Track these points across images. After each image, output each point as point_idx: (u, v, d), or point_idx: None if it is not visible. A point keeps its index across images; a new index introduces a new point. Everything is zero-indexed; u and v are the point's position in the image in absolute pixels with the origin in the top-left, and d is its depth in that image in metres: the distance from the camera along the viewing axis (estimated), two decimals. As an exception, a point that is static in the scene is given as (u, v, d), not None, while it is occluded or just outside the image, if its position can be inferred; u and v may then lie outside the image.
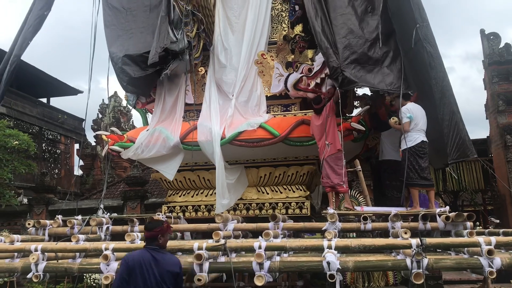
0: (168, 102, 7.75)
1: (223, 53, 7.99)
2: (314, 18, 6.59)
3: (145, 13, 7.54)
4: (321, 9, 6.59)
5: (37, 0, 7.45)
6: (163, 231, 4.09)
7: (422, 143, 6.28)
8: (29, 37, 7.38)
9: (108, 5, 7.63)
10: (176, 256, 4.40)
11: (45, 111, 21.85)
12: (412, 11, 6.18)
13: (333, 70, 6.36)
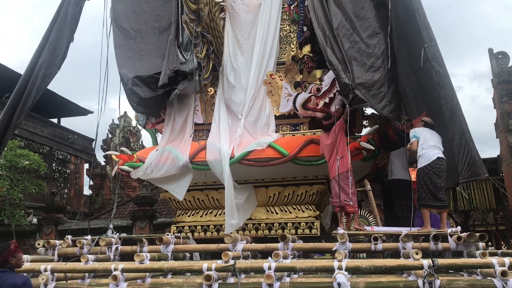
0: (178, 122, 7.81)
1: (232, 74, 8.06)
2: (324, 38, 6.64)
3: (155, 35, 7.68)
4: (329, 30, 6.65)
5: (63, 30, 7.61)
6: (11, 253, 4.11)
7: (439, 160, 6.20)
8: (57, 66, 7.54)
9: (118, 27, 7.78)
10: (26, 276, 4.37)
11: (56, 131, 22.06)
12: (420, 31, 6.21)
13: (344, 87, 6.38)
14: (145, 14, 7.86)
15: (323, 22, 6.73)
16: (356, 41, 6.61)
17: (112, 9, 7.89)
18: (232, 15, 8.27)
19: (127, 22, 7.85)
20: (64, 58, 7.62)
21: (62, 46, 7.54)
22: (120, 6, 7.94)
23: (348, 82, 6.28)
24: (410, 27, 6.38)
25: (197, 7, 7.35)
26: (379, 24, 6.71)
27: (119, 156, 7.82)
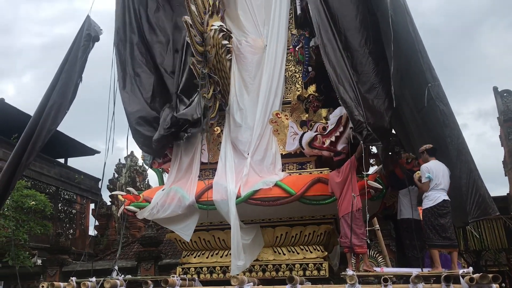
0: (184, 162, 7.83)
1: (239, 113, 8.12)
2: (335, 76, 6.70)
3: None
4: (341, 69, 6.72)
5: (72, 71, 7.80)
6: None
7: (444, 202, 6.14)
8: (67, 106, 7.70)
9: (122, 70, 7.99)
10: None
11: (63, 171, 22.15)
12: (423, 71, 6.28)
13: (357, 124, 6.38)
14: (151, 58, 8.08)
15: (334, 62, 6.81)
16: (370, 81, 6.67)
17: (116, 53, 8.11)
18: (238, 56, 8.40)
19: (132, 65, 8.05)
20: (74, 98, 7.78)
21: (71, 87, 7.70)
22: (125, 51, 8.16)
23: (362, 120, 6.30)
24: (413, 67, 6.46)
25: (204, 49, 7.52)
26: (378, 78, 6.78)
27: (125, 196, 7.80)
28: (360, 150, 6.66)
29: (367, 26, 6.97)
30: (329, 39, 6.96)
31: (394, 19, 6.35)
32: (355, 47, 6.88)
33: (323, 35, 7.01)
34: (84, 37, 8.38)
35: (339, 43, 6.89)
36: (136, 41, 8.31)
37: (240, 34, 8.47)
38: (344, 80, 6.61)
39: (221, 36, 7.79)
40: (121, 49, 8.24)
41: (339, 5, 7.17)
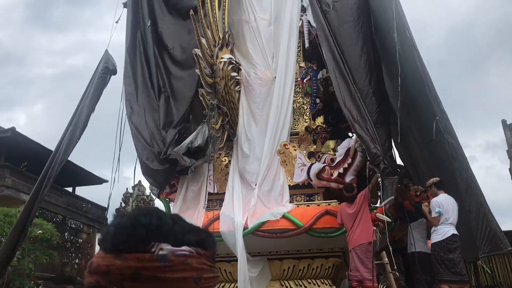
0: (191, 192, 7.84)
1: (247, 144, 8.15)
2: (351, 115, 6.79)
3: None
4: (356, 109, 6.78)
5: (86, 101, 8.02)
6: None
7: (453, 237, 6.07)
8: (78, 136, 7.89)
9: (129, 102, 8.22)
10: None
11: (70, 200, 22.17)
12: (431, 104, 6.32)
13: (374, 157, 6.40)
14: (159, 91, 8.28)
15: (349, 100, 6.89)
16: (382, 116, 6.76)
17: (124, 87, 8.32)
18: (247, 88, 8.50)
19: (140, 97, 8.24)
20: (84, 128, 7.94)
21: (83, 117, 7.87)
22: (130, 87, 8.35)
23: (379, 153, 6.31)
24: (420, 100, 6.50)
25: (214, 81, 7.63)
26: (380, 118, 6.87)
27: (132, 227, 7.77)
28: (374, 182, 6.64)
29: (371, 66, 7.11)
30: (343, 78, 7.06)
31: (401, 53, 6.43)
32: (360, 86, 6.99)
33: (337, 75, 7.12)
34: (101, 69, 8.62)
35: (353, 82, 6.99)
36: (145, 74, 8.49)
37: (249, 66, 8.60)
38: (360, 118, 6.67)
39: (230, 68, 7.91)
40: (130, 81, 8.43)
41: (348, 45, 7.32)
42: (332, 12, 7.68)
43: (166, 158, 7.42)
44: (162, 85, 8.44)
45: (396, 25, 6.73)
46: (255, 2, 8.91)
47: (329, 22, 7.62)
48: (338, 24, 7.61)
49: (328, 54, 7.39)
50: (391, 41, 6.78)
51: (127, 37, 8.89)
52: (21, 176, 18.34)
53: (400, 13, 7.12)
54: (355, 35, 7.45)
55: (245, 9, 8.91)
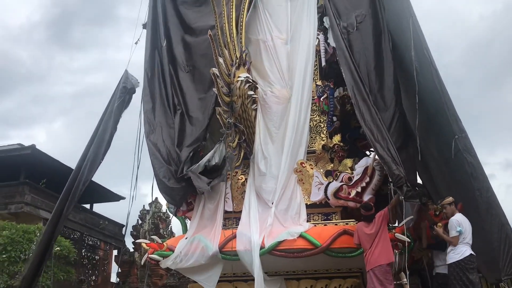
0: (208, 210, 7.84)
1: (263, 162, 8.14)
2: (371, 135, 6.79)
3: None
4: (377, 129, 6.77)
5: (108, 122, 8.22)
6: None
7: (471, 257, 5.95)
8: (101, 157, 8.09)
9: (147, 120, 8.33)
10: None
11: (88, 217, 22.34)
12: (450, 123, 6.26)
13: (397, 179, 6.34)
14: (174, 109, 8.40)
15: (369, 120, 6.91)
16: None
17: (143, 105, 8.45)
18: (264, 106, 8.53)
19: (158, 114, 8.35)
20: (108, 148, 8.10)
21: (106, 137, 8.02)
22: (148, 105, 8.46)
23: (401, 174, 6.25)
24: (439, 119, 6.45)
25: (231, 100, 7.68)
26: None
27: (149, 245, 7.80)
28: (395, 203, 6.57)
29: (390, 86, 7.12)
30: (363, 99, 7.06)
31: (419, 71, 6.41)
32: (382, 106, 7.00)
33: (357, 95, 7.14)
34: (120, 89, 8.79)
35: (372, 102, 6.98)
36: (162, 92, 8.61)
37: (266, 85, 8.63)
38: (381, 138, 6.64)
39: (247, 86, 7.95)
40: (148, 99, 8.56)
41: (368, 64, 7.35)
42: (354, 33, 7.72)
43: (183, 176, 7.45)
44: (177, 103, 8.53)
45: (414, 43, 6.73)
46: (272, 21, 8.98)
47: (350, 44, 7.66)
48: (359, 45, 7.64)
49: (348, 75, 7.40)
50: (409, 60, 6.77)
51: (146, 57, 9.03)
52: (40, 193, 18.58)
53: (417, 32, 7.12)
54: (375, 55, 7.45)
55: (262, 28, 8.99)
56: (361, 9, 8.01)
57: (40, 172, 18.40)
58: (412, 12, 7.41)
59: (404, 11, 7.43)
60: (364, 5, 8.05)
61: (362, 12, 7.96)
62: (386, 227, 6.53)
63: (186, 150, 7.82)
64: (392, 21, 7.49)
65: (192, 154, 7.60)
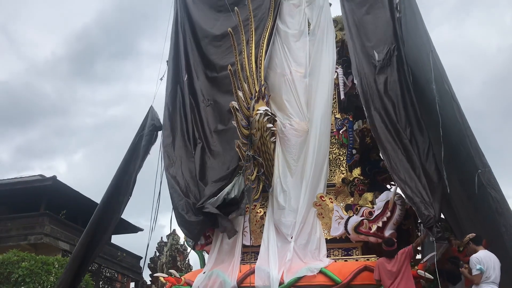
0: (226, 244, 7.77)
1: (282, 195, 8.08)
2: (397, 177, 6.70)
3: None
4: (404, 170, 6.70)
5: (136, 159, 8.44)
6: None
7: None
8: (130, 193, 8.36)
9: (167, 153, 8.45)
10: None
11: (106, 248, 22.27)
12: (472, 157, 6.15)
13: (427, 219, 6.23)
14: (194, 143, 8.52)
15: (396, 161, 6.86)
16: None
17: (163, 139, 8.57)
18: (282, 139, 8.54)
19: (176, 149, 8.44)
20: (134, 184, 8.20)
21: (133, 174, 8.18)
22: (168, 139, 8.59)
23: (431, 215, 6.15)
24: (461, 153, 6.35)
25: (250, 133, 7.72)
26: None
27: (166, 279, 7.75)
28: (420, 242, 6.43)
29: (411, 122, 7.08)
30: (389, 141, 7.01)
31: (440, 105, 6.37)
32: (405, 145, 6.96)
33: (383, 139, 7.09)
34: (148, 127, 9.00)
35: (399, 143, 6.93)
36: (183, 126, 8.73)
37: (284, 117, 8.67)
38: (408, 179, 6.55)
39: (266, 119, 8.00)
40: (168, 133, 8.69)
41: (395, 101, 7.36)
42: (381, 70, 7.74)
43: (201, 210, 7.43)
44: (197, 136, 8.61)
45: (434, 76, 6.70)
46: (291, 55, 9.10)
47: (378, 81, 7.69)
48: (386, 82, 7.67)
49: (376, 116, 7.40)
50: (430, 93, 6.74)
51: (167, 91, 9.20)
52: (59, 224, 18.69)
53: (437, 65, 7.11)
54: (401, 91, 7.44)
55: (281, 62, 9.10)
56: (387, 44, 8.03)
57: (61, 203, 18.58)
58: (432, 46, 7.42)
59: (424, 45, 7.45)
60: (389, 41, 8.08)
61: (387, 47, 7.97)
62: (409, 264, 6.37)
63: (212, 185, 7.80)
64: (412, 54, 7.51)
65: (217, 190, 7.59)
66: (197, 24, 9.89)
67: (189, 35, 9.76)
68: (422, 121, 7.04)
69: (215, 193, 7.52)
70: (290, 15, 9.65)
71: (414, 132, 7.09)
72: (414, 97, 7.25)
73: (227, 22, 9.13)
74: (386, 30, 8.25)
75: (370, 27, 8.48)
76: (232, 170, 7.82)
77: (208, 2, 10.21)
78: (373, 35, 8.33)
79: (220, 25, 9.56)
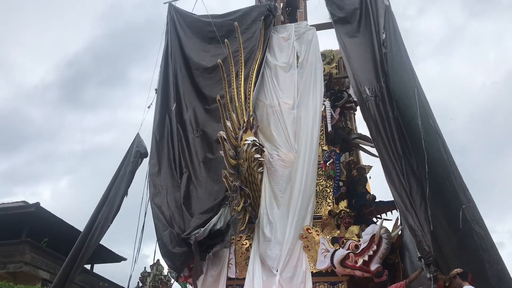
0: (210, 277, 7.67)
1: (268, 227, 8.03)
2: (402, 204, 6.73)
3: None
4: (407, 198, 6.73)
5: (120, 187, 8.34)
6: None
7: None
8: (111, 220, 8.31)
9: (153, 182, 8.38)
10: None
11: (87, 277, 21.75)
12: (457, 192, 6.20)
13: (428, 255, 6.23)
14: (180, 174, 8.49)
15: (400, 189, 6.86)
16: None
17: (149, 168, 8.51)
18: (270, 170, 8.55)
19: (162, 178, 8.40)
20: (118, 212, 8.11)
21: (117, 202, 8.08)
22: (154, 168, 8.57)
23: (431, 252, 6.15)
24: (446, 188, 6.39)
25: (237, 163, 7.71)
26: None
27: (149, 312, 7.57)
28: (414, 277, 6.39)
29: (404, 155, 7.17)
30: (394, 167, 7.04)
31: (426, 140, 6.45)
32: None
33: (388, 161, 7.14)
34: (133, 154, 8.95)
35: (405, 168, 6.95)
36: (170, 155, 8.72)
37: (272, 148, 8.71)
38: (411, 208, 6.56)
39: (254, 150, 8.02)
40: (155, 162, 8.66)
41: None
42: (376, 103, 7.84)
43: (186, 241, 7.33)
44: (184, 165, 8.58)
45: (420, 112, 6.81)
46: (279, 87, 9.23)
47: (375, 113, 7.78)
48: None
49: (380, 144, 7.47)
50: (415, 128, 6.82)
51: (155, 120, 9.22)
52: (40, 253, 18.24)
53: (423, 101, 7.23)
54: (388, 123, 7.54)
55: (269, 94, 9.22)
56: (374, 80, 8.15)
57: (43, 230, 18.18)
58: (417, 81, 7.57)
59: (410, 81, 7.60)
60: (376, 76, 8.21)
61: (374, 83, 8.10)
62: None
63: (199, 217, 7.72)
64: (398, 90, 7.64)
65: (203, 222, 7.50)
66: (188, 56, 10.02)
67: (180, 66, 9.86)
68: (413, 156, 7.10)
69: (201, 225, 7.44)
70: (280, 48, 9.85)
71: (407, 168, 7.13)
72: (403, 131, 7.33)
73: (218, 54, 9.26)
74: (373, 65, 8.41)
75: (358, 62, 8.64)
76: (219, 201, 7.76)
77: (199, 34, 10.36)
78: (361, 71, 8.48)
79: (211, 57, 9.69)
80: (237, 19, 9.66)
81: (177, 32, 10.43)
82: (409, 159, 6.97)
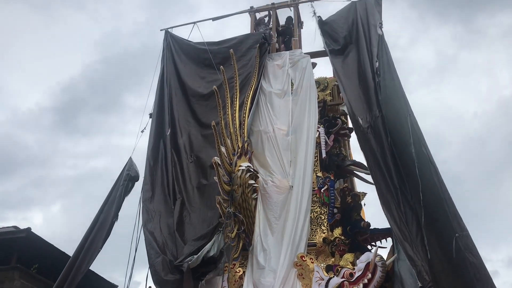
0: (204, 304, 7.53)
1: (262, 254, 7.96)
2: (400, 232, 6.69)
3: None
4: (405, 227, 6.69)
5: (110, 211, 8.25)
6: None
7: None
8: (101, 245, 8.00)
9: (146, 208, 8.30)
10: None
11: (77, 304, 21.38)
12: (450, 221, 6.20)
13: (428, 285, 6.23)
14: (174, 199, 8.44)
15: (397, 218, 6.82)
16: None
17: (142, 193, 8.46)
18: (264, 196, 8.53)
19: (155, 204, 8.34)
20: (108, 236, 8.01)
21: (107, 226, 7.99)
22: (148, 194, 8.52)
23: (430, 280, 6.10)
24: (440, 216, 6.38)
25: (231, 189, 7.69)
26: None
27: None
28: None
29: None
30: (392, 198, 7.03)
31: (419, 167, 6.47)
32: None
33: (385, 192, 7.10)
34: (124, 177, 8.89)
35: (401, 199, 6.94)
36: (164, 181, 8.68)
37: (266, 174, 8.72)
38: (410, 238, 6.54)
39: (248, 176, 8.02)
40: (148, 188, 8.61)
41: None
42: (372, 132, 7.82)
43: (178, 268, 7.24)
44: (178, 191, 8.54)
45: (413, 140, 6.86)
46: (274, 114, 9.31)
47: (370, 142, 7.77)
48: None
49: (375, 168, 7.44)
50: (409, 156, 6.85)
51: (149, 145, 9.22)
52: (30, 279, 17.92)
53: (415, 128, 7.29)
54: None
55: (264, 120, 9.28)
56: (368, 109, 8.17)
57: (34, 256, 17.92)
58: (410, 110, 7.64)
59: (403, 109, 7.67)
60: (376, 106, 8.24)
61: (369, 113, 8.13)
62: None
63: (192, 244, 7.61)
64: (392, 118, 7.70)
65: (195, 249, 7.41)
66: (184, 82, 10.11)
67: (175, 91, 9.93)
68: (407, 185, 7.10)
69: (194, 252, 7.36)
70: (274, 75, 9.97)
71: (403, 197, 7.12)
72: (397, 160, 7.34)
73: (214, 81, 9.35)
74: (368, 95, 8.47)
75: (353, 91, 8.71)
76: (213, 228, 7.70)
77: (195, 60, 10.48)
78: (355, 101, 8.53)
79: (206, 84, 9.78)
80: (232, 46, 9.80)
81: (173, 58, 10.54)
82: (403, 189, 6.96)
